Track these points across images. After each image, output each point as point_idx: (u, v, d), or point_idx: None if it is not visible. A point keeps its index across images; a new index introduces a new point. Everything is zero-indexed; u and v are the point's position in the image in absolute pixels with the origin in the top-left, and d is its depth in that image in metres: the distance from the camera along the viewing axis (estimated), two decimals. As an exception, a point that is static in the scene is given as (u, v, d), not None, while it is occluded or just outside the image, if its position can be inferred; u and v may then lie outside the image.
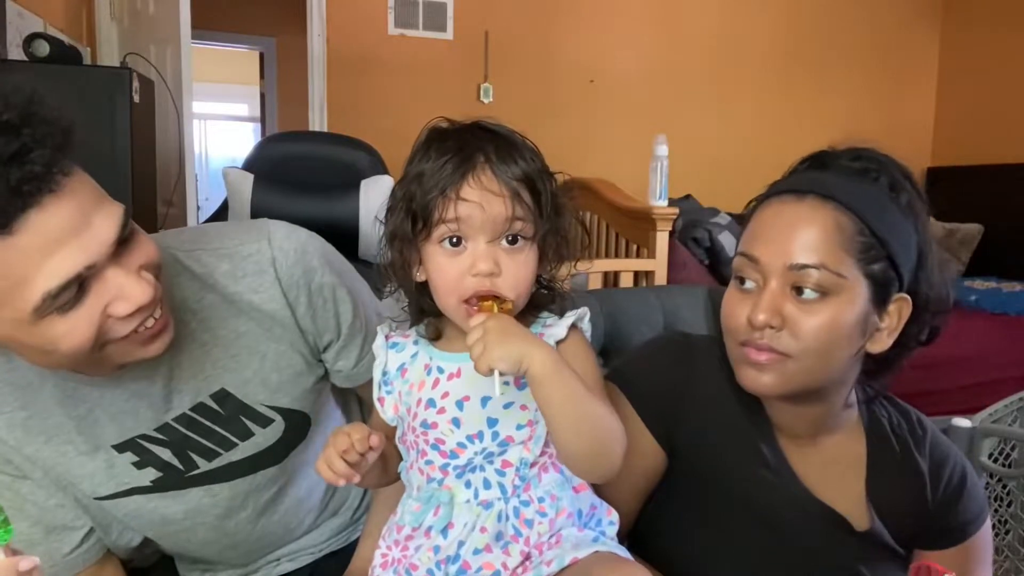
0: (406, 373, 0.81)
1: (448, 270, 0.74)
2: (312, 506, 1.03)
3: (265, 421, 0.90)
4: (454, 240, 0.73)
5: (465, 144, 0.73)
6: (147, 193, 2.41)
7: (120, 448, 0.85)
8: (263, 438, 0.90)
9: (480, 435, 0.75)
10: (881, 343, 0.82)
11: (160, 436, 0.86)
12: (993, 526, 1.87)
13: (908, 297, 0.81)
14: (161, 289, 0.73)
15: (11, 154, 0.61)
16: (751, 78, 4.45)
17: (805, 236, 0.78)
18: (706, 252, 3.44)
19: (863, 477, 0.89)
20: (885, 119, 4.55)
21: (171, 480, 0.88)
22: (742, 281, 0.83)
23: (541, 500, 0.77)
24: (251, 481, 0.92)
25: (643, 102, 4.24)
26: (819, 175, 0.83)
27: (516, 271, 0.74)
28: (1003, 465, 1.81)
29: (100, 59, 3.16)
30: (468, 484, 0.77)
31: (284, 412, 0.91)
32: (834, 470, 0.88)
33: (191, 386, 0.86)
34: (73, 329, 0.67)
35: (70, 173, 0.66)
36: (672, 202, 2.87)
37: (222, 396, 0.87)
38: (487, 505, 0.76)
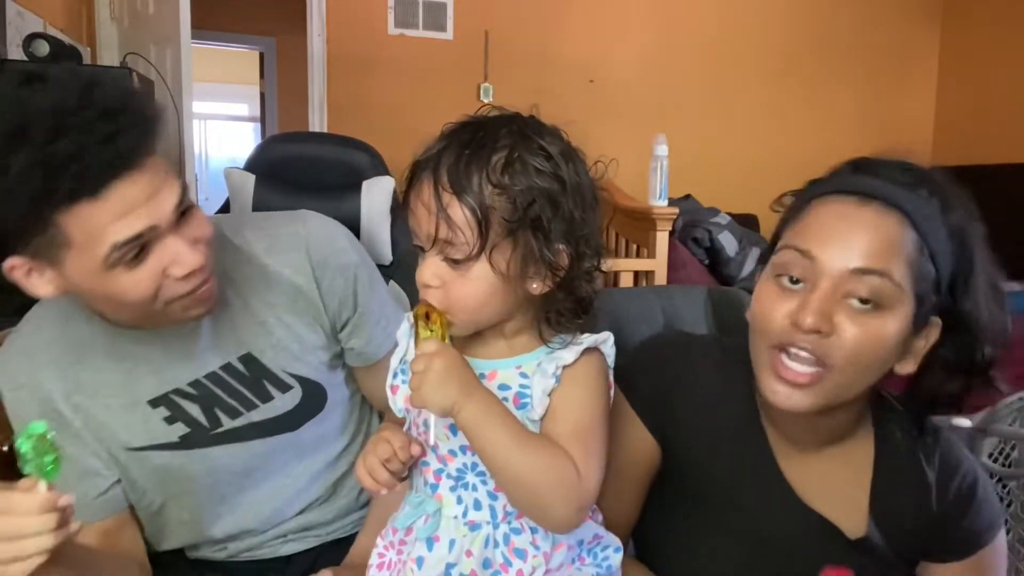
0: None
1: (417, 274, 0.74)
2: (326, 482, 1.08)
3: (285, 387, 0.99)
4: (416, 243, 0.73)
5: (441, 149, 0.71)
6: (147, 193, 2.40)
7: (154, 403, 0.94)
8: (281, 403, 0.99)
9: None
10: (908, 366, 0.78)
11: (191, 391, 0.95)
12: (993, 526, 1.86)
13: (940, 321, 0.77)
14: (212, 261, 0.87)
15: (108, 134, 0.75)
16: (751, 78, 4.45)
17: (873, 241, 0.73)
18: (706, 252, 3.44)
19: (868, 487, 0.85)
20: (885, 119, 4.56)
21: (197, 437, 0.96)
22: (792, 279, 0.76)
23: (534, 531, 0.75)
24: (269, 444, 1.00)
25: (643, 102, 4.25)
26: (877, 182, 0.77)
27: (454, 288, 0.71)
28: (1003, 465, 1.81)
29: (100, 59, 3.16)
30: (459, 500, 0.75)
31: (302, 380, 1.00)
32: (837, 478, 0.86)
33: (222, 348, 0.96)
34: (138, 283, 0.80)
35: (151, 154, 0.80)
36: (672, 202, 2.86)
37: (248, 359, 0.97)
38: (474, 527, 0.74)
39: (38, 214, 0.75)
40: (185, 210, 0.84)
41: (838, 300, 0.73)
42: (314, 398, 1.01)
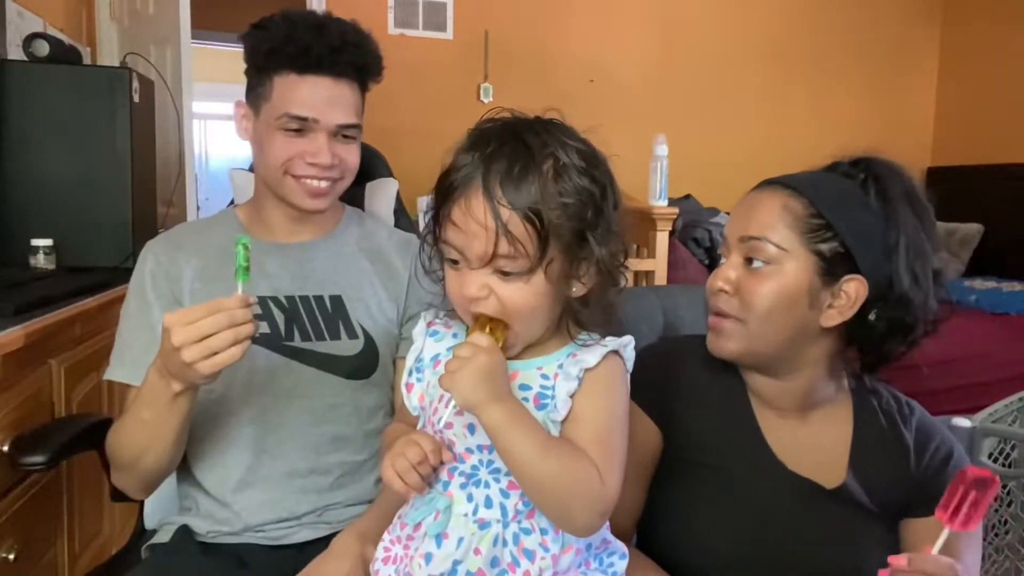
0: (439, 364, 0.80)
1: (451, 286, 0.74)
2: (346, 455, 1.16)
3: (352, 334, 1.16)
4: (452, 258, 0.73)
5: (483, 158, 0.69)
6: (147, 193, 2.40)
7: None
8: (342, 348, 1.16)
9: (491, 447, 0.72)
10: (831, 319, 0.89)
11: (284, 303, 1.15)
12: (992, 526, 1.87)
13: (863, 280, 0.87)
14: (338, 184, 1.15)
15: (336, 47, 1.08)
16: (751, 78, 4.45)
17: (757, 214, 0.90)
18: (706, 252, 3.44)
19: (847, 445, 0.95)
20: (885, 119, 4.56)
21: (270, 340, 1.13)
22: (720, 257, 0.96)
23: (544, 532, 0.75)
24: (318, 378, 1.14)
25: (643, 102, 4.24)
26: (797, 173, 0.93)
27: (510, 298, 0.71)
28: (1003, 465, 1.81)
29: (100, 59, 3.16)
30: (470, 497, 0.75)
31: (367, 336, 1.17)
32: (817, 441, 0.96)
33: (323, 282, 1.18)
34: (282, 145, 1.09)
35: (353, 83, 1.13)
36: (672, 202, 2.87)
37: (336, 301, 1.17)
38: (484, 525, 0.74)
39: (267, 65, 1.08)
40: (350, 139, 1.14)
41: (742, 264, 0.91)
42: (368, 357, 1.17)
